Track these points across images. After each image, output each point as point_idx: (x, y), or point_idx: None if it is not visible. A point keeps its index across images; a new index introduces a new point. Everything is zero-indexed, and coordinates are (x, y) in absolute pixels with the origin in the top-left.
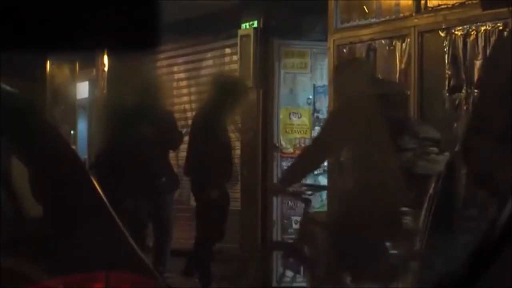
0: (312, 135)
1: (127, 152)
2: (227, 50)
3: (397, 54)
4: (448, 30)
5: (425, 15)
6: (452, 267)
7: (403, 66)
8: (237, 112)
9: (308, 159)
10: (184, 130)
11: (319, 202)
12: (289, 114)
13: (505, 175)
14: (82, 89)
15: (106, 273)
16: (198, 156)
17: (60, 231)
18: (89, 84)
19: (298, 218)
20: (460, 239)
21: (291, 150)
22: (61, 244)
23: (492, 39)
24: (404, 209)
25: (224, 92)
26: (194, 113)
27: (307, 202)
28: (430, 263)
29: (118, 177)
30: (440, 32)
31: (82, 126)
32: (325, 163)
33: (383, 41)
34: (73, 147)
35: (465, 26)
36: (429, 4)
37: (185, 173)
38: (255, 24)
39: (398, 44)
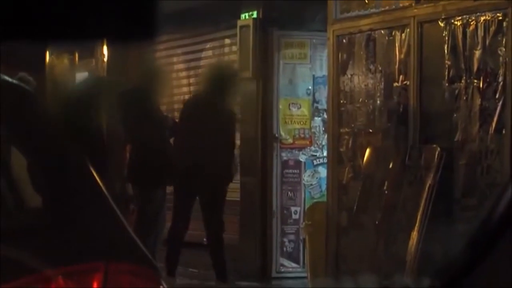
0: (311, 125)
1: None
2: (227, 41)
3: (397, 44)
4: (447, 20)
5: (425, 5)
6: (451, 256)
7: (402, 56)
8: (231, 101)
9: None
10: None
11: (319, 192)
12: (289, 104)
13: None
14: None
15: (105, 263)
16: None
17: (60, 221)
18: (89, 75)
19: (298, 209)
20: (459, 228)
21: (290, 140)
22: (60, 234)
23: (492, 29)
24: None
25: (215, 80)
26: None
27: None
28: (429, 252)
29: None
30: (439, 22)
31: None
32: (324, 154)
33: (382, 31)
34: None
35: (464, 16)
36: None
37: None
38: (255, 14)
39: (398, 34)
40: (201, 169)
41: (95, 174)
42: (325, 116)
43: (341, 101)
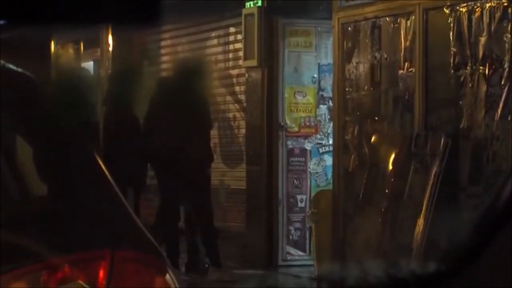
0: (317, 113)
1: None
2: (232, 29)
3: (402, 32)
4: (452, 7)
5: None
6: (456, 243)
7: (408, 43)
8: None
9: None
10: None
11: (325, 180)
12: (294, 93)
13: None
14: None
15: (111, 251)
16: None
17: (65, 209)
18: (94, 64)
19: (304, 197)
20: (465, 216)
21: (296, 129)
22: (66, 222)
23: (497, 15)
24: None
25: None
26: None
27: None
28: (435, 239)
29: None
30: (444, 9)
31: None
32: (330, 142)
33: (387, 19)
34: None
35: (469, 3)
36: None
37: None
38: (259, 3)
39: (403, 21)
40: (177, 153)
41: (100, 162)
42: (331, 104)
43: (347, 89)
